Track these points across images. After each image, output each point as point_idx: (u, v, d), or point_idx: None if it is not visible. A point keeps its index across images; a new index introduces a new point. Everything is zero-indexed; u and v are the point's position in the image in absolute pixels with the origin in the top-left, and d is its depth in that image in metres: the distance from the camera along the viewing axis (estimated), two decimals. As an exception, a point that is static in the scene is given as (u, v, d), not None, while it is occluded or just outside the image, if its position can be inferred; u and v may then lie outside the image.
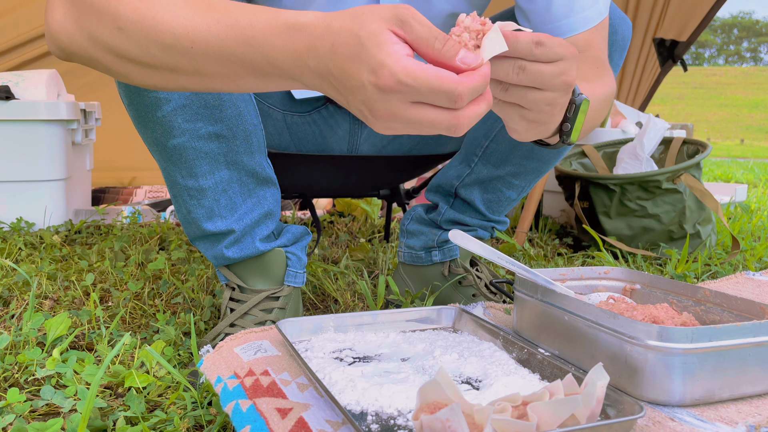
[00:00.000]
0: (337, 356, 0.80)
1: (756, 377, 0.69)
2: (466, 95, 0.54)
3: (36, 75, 2.04)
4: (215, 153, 0.91)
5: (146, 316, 1.16)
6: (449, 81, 0.54)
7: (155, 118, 0.87)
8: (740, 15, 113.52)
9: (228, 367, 0.76)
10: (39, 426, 0.68)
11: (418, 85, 0.53)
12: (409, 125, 0.57)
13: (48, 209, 1.97)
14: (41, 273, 1.36)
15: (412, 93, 0.54)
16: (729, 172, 5.67)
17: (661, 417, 0.65)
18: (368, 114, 0.57)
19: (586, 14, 0.92)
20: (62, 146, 2.00)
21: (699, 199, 1.69)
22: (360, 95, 0.56)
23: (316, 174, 1.34)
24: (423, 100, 0.55)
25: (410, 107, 0.55)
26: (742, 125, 36.63)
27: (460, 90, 0.54)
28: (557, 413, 0.54)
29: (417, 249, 1.20)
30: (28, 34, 2.56)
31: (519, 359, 0.79)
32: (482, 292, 1.15)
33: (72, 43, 0.68)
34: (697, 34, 3.26)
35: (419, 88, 0.54)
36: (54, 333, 0.95)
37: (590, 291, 0.97)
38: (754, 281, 1.17)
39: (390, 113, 0.56)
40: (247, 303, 0.98)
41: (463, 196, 1.14)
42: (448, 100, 0.54)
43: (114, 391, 0.85)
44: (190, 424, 0.73)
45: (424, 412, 0.54)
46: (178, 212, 0.97)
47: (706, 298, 0.84)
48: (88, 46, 0.67)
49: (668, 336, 0.66)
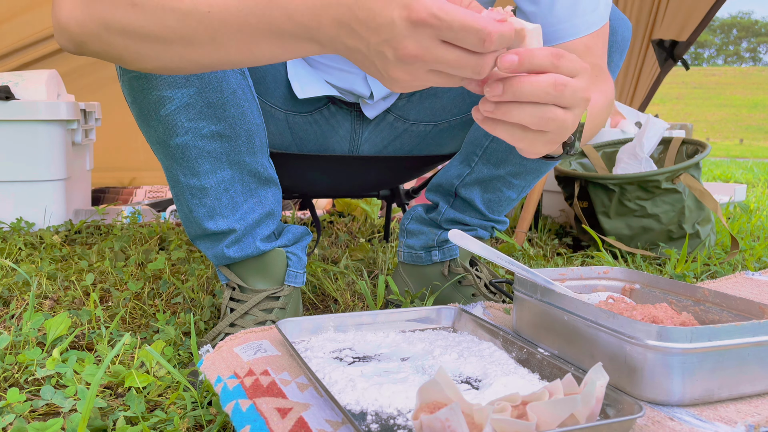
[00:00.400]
0: (337, 356, 0.81)
1: (755, 377, 0.69)
2: (495, 37, 0.54)
3: (36, 75, 2.04)
4: (218, 152, 0.91)
5: (146, 316, 1.16)
6: (481, 20, 0.54)
7: (158, 117, 0.87)
8: (739, 15, 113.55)
9: (228, 367, 0.76)
10: (39, 426, 0.68)
11: (451, 19, 0.54)
12: (435, 64, 0.57)
13: (48, 209, 1.97)
14: (41, 273, 1.36)
15: (444, 29, 0.54)
16: (728, 172, 5.67)
17: (660, 416, 0.65)
18: (392, 55, 0.57)
19: (588, 18, 0.92)
20: (62, 146, 2.00)
21: (698, 199, 1.69)
22: (386, 34, 0.56)
23: (316, 174, 1.34)
24: (452, 40, 0.55)
25: (439, 45, 0.55)
26: (742, 125, 36.64)
27: (490, 29, 0.54)
28: (557, 413, 0.54)
29: (417, 249, 1.20)
30: (29, 38, 2.57)
31: (518, 359, 0.79)
32: (482, 292, 1.16)
33: (83, 31, 0.68)
34: (696, 34, 3.26)
35: (451, 23, 0.54)
36: (54, 333, 0.96)
37: (589, 291, 0.97)
38: (753, 281, 1.17)
39: (418, 49, 0.55)
40: (247, 303, 0.98)
41: (463, 195, 1.15)
42: (478, 39, 0.54)
43: (114, 391, 0.85)
44: (190, 424, 0.73)
45: (423, 411, 0.54)
46: (180, 211, 0.97)
47: (705, 297, 0.85)
48: (100, 32, 0.67)
49: (667, 336, 0.66)
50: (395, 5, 0.54)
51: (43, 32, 2.58)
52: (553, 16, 0.92)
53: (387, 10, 0.55)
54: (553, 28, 0.93)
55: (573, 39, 0.93)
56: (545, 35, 0.95)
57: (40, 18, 2.56)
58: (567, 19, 0.92)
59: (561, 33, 0.93)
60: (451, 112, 1.22)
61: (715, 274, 1.48)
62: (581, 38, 0.93)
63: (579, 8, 0.92)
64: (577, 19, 0.92)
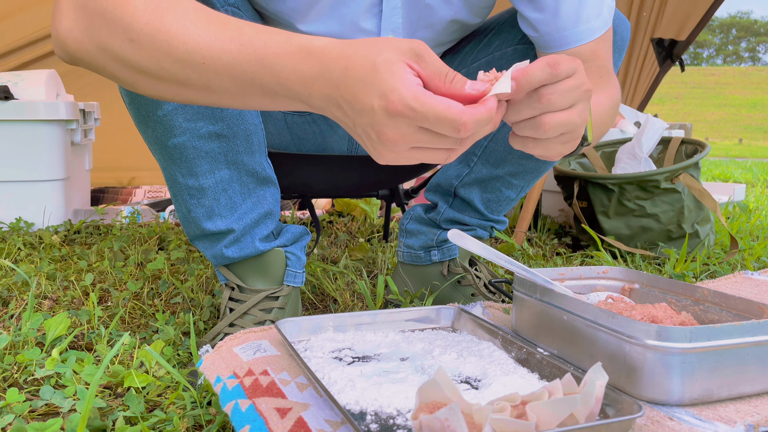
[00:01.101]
0: (337, 356, 0.80)
1: (754, 376, 0.69)
2: (470, 125, 0.56)
3: (35, 75, 2.04)
4: (215, 152, 0.91)
5: (145, 316, 1.16)
6: (455, 110, 0.55)
7: (156, 117, 0.87)
8: (738, 15, 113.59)
9: (227, 367, 0.76)
10: (38, 426, 0.68)
11: (425, 110, 0.55)
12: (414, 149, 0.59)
13: (47, 209, 1.97)
14: (40, 273, 1.36)
15: (419, 119, 0.56)
16: (727, 172, 5.67)
17: (659, 416, 0.65)
18: (375, 137, 0.58)
19: (592, 24, 0.93)
20: (61, 146, 2.00)
21: (697, 199, 1.69)
22: (368, 118, 0.57)
23: (315, 174, 1.34)
24: (429, 127, 0.56)
25: (417, 131, 0.57)
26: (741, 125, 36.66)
27: (465, 119, 0.56)
28: (556, 413, 0.54)
29: (416, 248, 1.20)
30: (29, 37, 2.56)
31: (518, 359, 0.79)
32: (481, 292, 1.16)
33: (80, 49, 0.69)
34: (695, 34, 3.26)
35: (426, 114, 0.55)
36: (53, 333, 0.95)
37: (589, 290, 0.97)
38: (753, 281, 1.17)
39: (397, 135, 0.57)
40: (247, 303, 0.98)
41: (463, 195, 1.15)
42: (453, 128, 0.56)
43: (113, 391, 0.85)
44: (189, 424, 0.73)
45: (423, 411, 0.54)
46: (178, 211, 0.97)
47: (704, 297, 0.85)
48: (96, 54, 0.68)
49: (667, 335, 0.66)
50: (374, 94, 0.56)
51: (42, 31, 2.57)
52: (557, 23, 0.93)
53: (368, 97, 0.56)
54: (559, 34, 0.93)
55: (579, 45, 0.93)
56: (550, 42, 0.95)
57: (39, 17, 2.55)
58: (572, 26, 0.92)
59: (567, 39, 0.93)
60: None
61: (714, 274, 1.48)
62: (587, 44, 0.93)
63: (583, 15, 0.92)
64: (582, 26, 0.92)
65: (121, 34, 0.65)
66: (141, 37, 0.64)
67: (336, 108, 0.60)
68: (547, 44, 0.95)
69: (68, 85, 2.40)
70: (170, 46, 0.64)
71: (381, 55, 0.56)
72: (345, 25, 0.97)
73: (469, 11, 1.02)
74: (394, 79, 0.55)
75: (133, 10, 0.65)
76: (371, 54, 0.57)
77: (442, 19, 1.01)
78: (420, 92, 0.55)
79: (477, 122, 0.56)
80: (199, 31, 0.63)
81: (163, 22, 0.64)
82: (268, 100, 0.64)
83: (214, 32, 0.63)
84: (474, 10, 1.02)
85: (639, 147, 1.82)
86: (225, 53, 0.62)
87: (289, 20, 0.98)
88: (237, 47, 0.62)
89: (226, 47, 0.62)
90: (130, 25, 0.64)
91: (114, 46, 0.66)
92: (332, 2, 0.94)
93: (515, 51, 1.07)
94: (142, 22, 0.64)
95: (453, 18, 1.01)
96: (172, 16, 0.64)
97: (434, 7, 0.98)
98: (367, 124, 0.58)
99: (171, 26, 0.64)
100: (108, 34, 0.66)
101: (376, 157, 0.61)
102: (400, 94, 0.55)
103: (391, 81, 0.55)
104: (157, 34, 0.64)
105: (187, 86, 0.66)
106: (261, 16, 1.02)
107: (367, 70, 0.56)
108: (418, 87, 0.56)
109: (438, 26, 1.02)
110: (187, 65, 0.64)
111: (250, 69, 0.62)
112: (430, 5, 0.98)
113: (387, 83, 0.55)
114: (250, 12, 0.97)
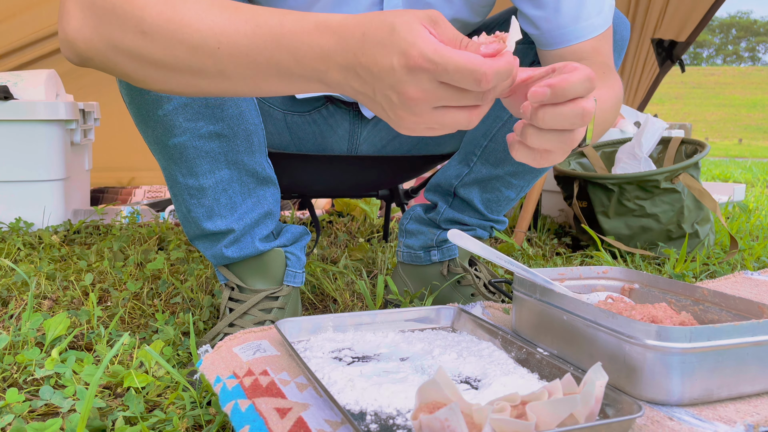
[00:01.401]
0: (336, 356, 0.80)
1: (754, 376, 0.69)
2: (490, 75, 0.55)
3: (35, 75, 2.04)
4: (216, 152, 0.91)
5: (145, 316, 1.16)
6: (475, 61, 0.55)
7: (156, 117, 0.87)
8: (738, 15, 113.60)
9: (227, 367, 0.76)
10: (38, 426, 0.68)
11: (446, 62, 0.55)
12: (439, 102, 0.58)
13: (47, 209, 1.97)
14: (40, 273, 1.36)
15: (440, 72, 0.55)
16: (727, 172, 5.67)
17: (659, 416, 0.65)
18: (396, 99, 0.58)
19: (593, 21, 0.93)
20: (61, 146, 2.00)
21: (697, 199, 1.69)
22: (388, 80, 0.57)
23: (315, 174, 1.34)
24: (450, 81, 0.56)
25: (439, 86, 0.57)
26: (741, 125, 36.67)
27: (485, 69, 0.55)
28: (556, 413, 0.54)
29: (416, 248, 1.20)
30: (28, 38, 2.56)
31: (518, 359, 0.79)
32: (481, 292, 1.16)
33: (90, 48, 0.68)
34: (695, 35, 3.26)
35: (446, 66, 0.55)
36: (53, 333, 0.95)
37: (589, 290, 0.97)
38: (753, 281, 1.17)
39: (419, 92, 0.57)
40: (246, 303, 0.98)
41: (462, 195, 1.15)
42: (474, 80, 0.56)
43: (113, 391, 0.85)
44: (189, 424, 0.73)
45: (423, 411, 0.54)
46: (178, 211, 0.97)
47: (704, 297, 0.85)
48: (107, 52, 0.68)
49: (667, 335, 0.66)
50: (394, 52, 0.56)
51: (42, 32, 2.57)
52: (558, 20, 0.93)
53: (387, 57, 0.57)
54: (560, 31, 0.93)
55: (579, 42, 0.93)
56: (551, 39, 0.95)
57: (39, 17, 2.56)
58: (572, 23, 0.92)
59: (567, 36, 0.93)
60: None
61: (714, 274, 1.48)
62: (588, 40, 0.93)
63: (584, 12, 0.92)
64: (583, 23, 0.92)
65: (133, 28, 0.65)
66: (153, 29, 0.64)
67: (354, 78, 0.60)
68: (548, 41, 0.95)
69: (68, 85, 2.40)
70: (184, 34, 0.63)
71: (399, 18, 0.57)
72: None
73: (470, 10, 1.02)
74: (413, 35, 0.56)
75: (143, 3, 0.64)
76: (389, 17, 0.57)
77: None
78: (440, 46, 0.55)
79: (497, 73, 0.56)
80: (213, 17, 0.63)
81: (175, 11, 0.64)
82: (285, 82, 0.64)
83: (228, 16, 0.63)
84: (475, 9, 1.02)
85: (639, 147, 1.82)
86: (240, 35, 0.62)
87: None
88: (252, 28, 0.62)
89: (241, 29, 0.62)
90: (141, 18, 0.64)
91: (125, 40, 0.66)
92: (333, 1, 0.94)
93: (514, 50, 1.07)
94: (153, 13, 0.64)
95: (454, 17, 1.01)
96: (184, 5, 0.64)
97: (435, 7, 0.98)
98: (388, 86, 0.58)
99: (184, 14, 0.63)
100: (119, 28, 0.65)
101: (397, 125, 0.61)
102: (419, 48, 0.55)
103: (410, 37, 0.56)
104: (169, 23, 0.64)
105: (202, 75, 0.66)
106: None
107: (386, 31, 0.57)
108: (437, 41, 0.56)
109: None
110: (202, 52, 0.64)
111: (266, 49, 0.62)
112: (430, 4, 0.98)
113: (406, 40, 0.56)
114: None
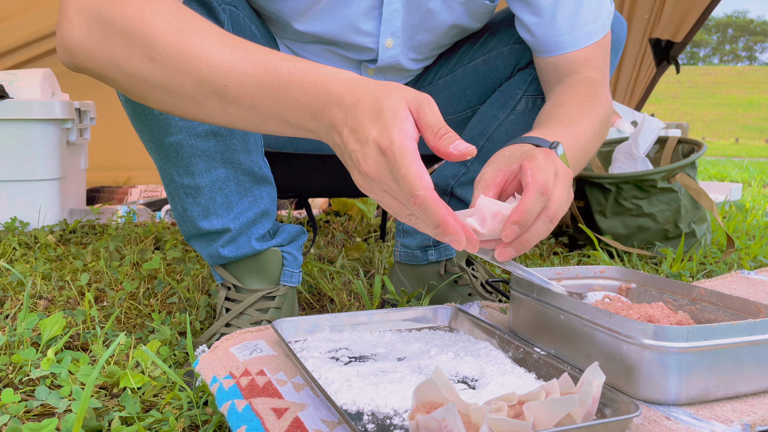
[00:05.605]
0: (333, 356, 0.80)
1: (751, 376, 0.69)
2: (420, 200, 0.59)
3: (30, 74, 2.03)
4: (212, 151, 0.90)
5: (141, 316, 1.16)
6: (420, 182, 0.59)
7: (152, 116, 0.86)
8: (735, 14, 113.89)
9: (224, 367, 0.75)
10: (34, 426, 0.67)
11: (399, 164, 0.58)
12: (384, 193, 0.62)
13: (42, 209, 1.97)
14: (36, 273, 1.36)
15: (393, 166, 0.59)
16: (724, 171, 5.68)
17: (656, 416, 0.65)
18: (358, 165, 0.61)
19: (590, 29, 0.92)
20: (57, 145, 1.99)
21: (694, 198, 1.69)
22: (360, 145, 0.61)
23: (312, 173, 1.34)
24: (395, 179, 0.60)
25: (389, 178, 0.60)
26: (737, 124, 36.78)
27: (420, 193, 0.59)
28: (553, 412, 0.54)
29: (413, 248, 1.20)
30: (25, 38, 2.57)
31: (515, 358, 0.79)
32: (478, 291, 1.16)
33: (89, 60, 0.69)
34: (692, 34, 3.27)
35: (399, 166, 0.58)
36: (49, 333, 0.95)
37: (586, 290, 0.97)
38: (749, 280, 1.17)
39: (374, 172, 0.61)
40: (243, 303, 0.98)
41: (459, 195, 1.14)
42: (408, 192, 0.59)
43: (109, 391, 0.84)
44: (185, 424, 0.72)
45: (420, 411, 0.54)
46: (174, 210, 0.96)
47: (701, 296, 0.85)
48: (107, 67, 0.68)
49: (664, 335, 0.66)
50: (377, 128, 0.60)
51: (38, 32, 2.58)
52: (554, 27, 0.92)
53: (368, 129, 0.60)
54: (554, 39, 0.93)
55: (573, 50, 0.93)
56: (546, 46, 0.95)
57: (36, 19, 2.57)
58: (568, 30, 0.92)
59: (562, 44, 0.93)
60: (446, 112, 1.22)
61: (710, 273, 1.48)
62: (582, 49, 0.93)
63: (581, 19, 0.91)
64: (579, 30, 0.92)
65: (141, 52, 0.66)
66: (163, 57, 0.65)
67: (337, 133, 0.63)
68: (542, 48, 0.95)
69: (64, 84, 2.39)
70: (193, 67, 0.65)
71: (389, 99, 0.60)
72: (343, 26, 0.97)
73: (470, 17, 1.02)
74: (395, 123, 0.59)
75: (155, 30, 0.65)
76: (382, 96, 0.61)
77: (443, 24, 1.01)
78: (408, 147, 0.59)
79: (425, 208, 0.59)
80: (222, 55, 0.65)
81: (186, 43, 0.65)
82: (281, 126, 0.67)
83: (238, 56, 0.65)
84: (475, 15, 1.02)
85: (636, 146, 1.82)
86: (248, 78, 0.64)
87: (287, 20, 0.97)
88: (261, 73, 0.64)
89: (250, 72, 0.64)
90: (151, 44, 0.65)
91: (132, 62, 0.66)
92: (332, 2, 0.94)
93: (511, 50, 1.07)
94: (164, 42, 0.65)
95: (454, 23, 1.01)
96: (196, 39, 0.65)
97: (435, 12, 0.98)
98: (358, 150, 0.61)
99: (195, 48, 0.65)
100: (126, 50, 0.66)
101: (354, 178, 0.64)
102: (391, 138, 0.59)
103: (390, 125, 0.59)
104: (180, 54, 0.65)
105: (203, 106, 0.67)
106: (258, 16, 1.02)
107: (375, 108, 0.60)
108: (411, 141, 0.59)
109: (438, 30, 1.02)
110: (208, 87, 0.65)
111: (272, 94, 0.64)
112: (431, 10, 0.98)
113: (387, 126, 0.59)
114: (247, 11, 0.97)
